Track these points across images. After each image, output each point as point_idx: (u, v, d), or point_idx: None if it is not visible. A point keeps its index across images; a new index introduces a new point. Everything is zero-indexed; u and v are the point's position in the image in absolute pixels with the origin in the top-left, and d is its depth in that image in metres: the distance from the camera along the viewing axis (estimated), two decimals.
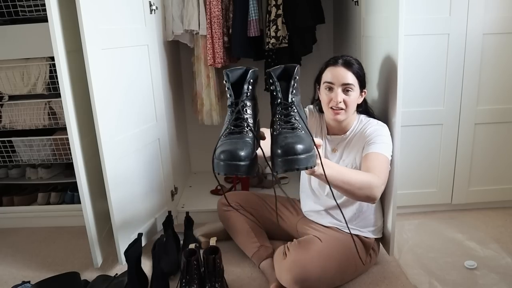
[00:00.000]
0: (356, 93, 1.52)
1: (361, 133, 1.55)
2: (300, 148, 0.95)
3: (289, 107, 1.05)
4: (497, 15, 1.90)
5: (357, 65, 1.54)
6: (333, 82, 1.50)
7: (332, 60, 1.55)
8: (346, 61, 1.52)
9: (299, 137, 0.98)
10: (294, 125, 1.02)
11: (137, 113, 1.85)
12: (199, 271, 1.52)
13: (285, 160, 0.94)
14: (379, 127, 1.54)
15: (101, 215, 1.80)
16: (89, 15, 1.51)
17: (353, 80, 1.50)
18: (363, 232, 1.60)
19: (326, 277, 1.45)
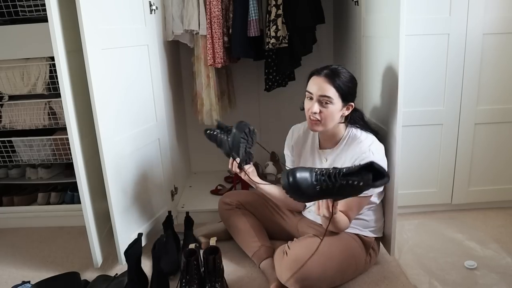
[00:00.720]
0: (336, 107, 1.47)
1: (352, 150, 1.51)
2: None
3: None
4: (497, 15, 1.90)
5: (343, 78, 1.48)
6: (312, 92, 1.49)
7: (318, 69, 1.52)
8: (330, 73, 1.47)
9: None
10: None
11: (137, 113, 1.85)
12: (199, 271, 1.52)
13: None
14: (370, 158, 1.44)
15: (101, 215, 1.80)
16: (89, 15, 1.51)
17: (332, 93, 1.46)
18: (363, 231, 1.60)
19: (326, 276, 1.45)
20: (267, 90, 2.24)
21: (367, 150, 1.47)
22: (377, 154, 1.48)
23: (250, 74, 2.52)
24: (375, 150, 1.48)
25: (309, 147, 1.67)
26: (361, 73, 1.93)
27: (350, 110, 1.52)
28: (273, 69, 2.18)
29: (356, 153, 1.49)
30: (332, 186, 1.22)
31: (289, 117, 2.58)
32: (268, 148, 2.67)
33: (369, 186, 1.23)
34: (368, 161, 1.24)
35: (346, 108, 1.51)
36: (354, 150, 1.50)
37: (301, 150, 1.71)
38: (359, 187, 1.22)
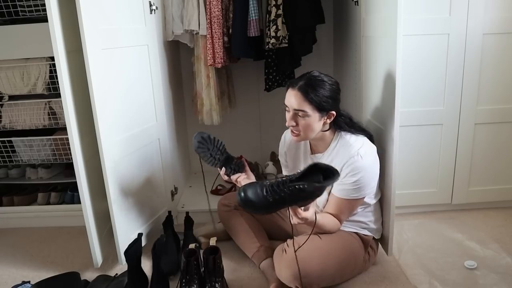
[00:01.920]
0: (313, 118, 1.44)
1: (341, 154, 1.49)
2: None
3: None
4: (497, 15, 1.90)
5: (320, 89, 1.42)
6: (287, 105, 1.48)
7: (293, 81, 1.49)
8: (305, 85, 1.43)
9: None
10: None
11: (137, 113, 1.85)
12: (199, 271, 1.52)
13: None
14: (359, 164, 1.44)
15: (101, 215, 1.80)
16: (89, 15, 1.51)
17: (307, 107, 1.42)
18: (361, 231, 1.60)
19: (325, 273, 1.45)
20: (267, 90, 2.24)
21: (355, 154, 1.45)
22: (366, 157, 1.46)
23: (250, 74, 2.52)
24: (363, 153, 1.46)
25: (301, 152, 1.67)
26: (360, 73, 1.93)
27: (332, 118, 1.48)
28: (273, 69, 2.19)
29: (345, 157, 1.47)
30: (283, 194, 1.24)
31: None
32: (268, 148, 2.68)
33: (321, 186, 1.25)
34: (312, 163, 1.28)
35: (327, 117, 1.47)
36: (343, 154, 1.48)
37: (294, 155, 1.70)
38: (311, 190, 1.23)
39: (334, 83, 1.48)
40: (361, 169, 1.44)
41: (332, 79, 1.49)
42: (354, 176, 1.44)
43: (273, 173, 2.47)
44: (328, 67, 2.53)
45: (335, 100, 1.48)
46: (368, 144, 1.50)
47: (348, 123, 1.54)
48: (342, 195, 1.48)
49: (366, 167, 1.46)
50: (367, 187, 1.48)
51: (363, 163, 1.44)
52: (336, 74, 2.49)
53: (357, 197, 1.48)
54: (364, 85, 1.89)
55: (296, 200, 1.27)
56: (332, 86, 1.46)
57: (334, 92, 1.47)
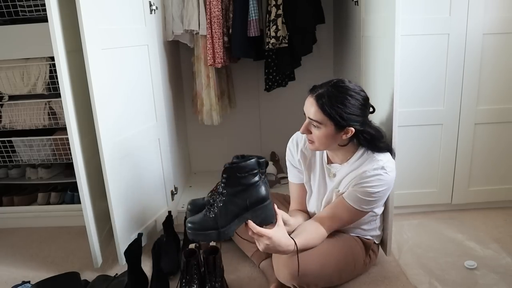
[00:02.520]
0: (327, 131, 1.36)
1: (364, 166, 1.40)
2: (190, 226, 1.27)
3: (219, 196, 1.29)
4: (497, 15, 1.90)
5: (340, 101, 1.32)
6: (304, 111, 1.42)
7: (315, 87, 1.40)
8: (324, 94, 1.33)
9: (202, 219, 1.28)
10: (209, 211, 1.29)
11: (137, 113, 1.85)
12: (199, 271, 1.52)
13: (188, 232, 1.28)
14: (382, 178, 1.37)
15: (101, 215, 1.80)
16: (89, 15, 1.51)
17: (319, 117, 1.34)
18: (364, 235, 1.60)
19: (324, 274, 1.44)
20: (267, 90, 2.24)
21: (380, 167, 1.38)
22: (391, 173, 1.39)
23: (250, 74, 2.52)
24: (389, 169, 1.39)
25: (317, 160, 1.56)
26: (360, 73, 1.93)
27: (350, 134, 1.37)
28: (273, 69, 2.19)
29: (369, 168, 1.38)
30: (221, 204, 1.24)
31: (289, 117, 2.59)
32: (268, 148, 2.68)
33: (259, 180, 1.25)
34: (225, 167, 1.25)
35: (343, 133, 1.37)
36: (366, 166, 1.40)
37: (309, 163, 1.59)
38: (239, 186, 1.23)
39: (360, 98, 1.36)
40: (385, 184, 1.39)
41: (359, 93, 1.37)
42: (375, 188, 1.38)
43: (273, 173, 2.47)
44: (328, 67, 2.53)
45: (357, 116, 1.36)
46: (392, 161, 1.44)
47: (370, 141, 1.42)
48: (352, 202, 1.42)
49: (389, 183, 1.41)
50: (379, 202, 1.44)
51: (388, 178, 1.39)
52: (336, 74, 2.49)
53: (366, 209, 1.43)
54: (364, 85, 1.88)
55: (239, 207, 1.24)
56: (356, 100, 1.35)
57: (357, 107, 1.35)
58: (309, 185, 1.60)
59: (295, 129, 1.70)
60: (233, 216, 1.27)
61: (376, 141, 1.43)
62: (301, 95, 1.56)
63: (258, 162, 1.27)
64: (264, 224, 1.31)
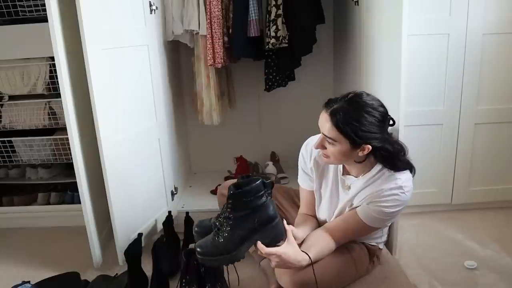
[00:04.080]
0: (342, 148, 1.29)
1: (379, 186, 1.34)
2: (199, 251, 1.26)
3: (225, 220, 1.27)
4: (497, 15, 1.90)
5: (355, 118, 1.25)
6: (319, 126, 1.34)
7: (330, 100, 1.32)
8: (339, 110, 1.26)
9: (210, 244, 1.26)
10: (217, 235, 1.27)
11: (137, 113, 1.85)
12: (199, 271, 1.52)
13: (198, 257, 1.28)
14: (400, 198, 1.31)
15: (101, 215, 1.80)
16: (89, 15, 1.51)
17: (333, 134, 1.27)
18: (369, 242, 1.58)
19: (326, 281, 1.42)
20: (267, 90, 2.24)
21: (399, 187, 1.31)
22: (408, 193, 1.32)
23: (250, 74, 2.52)
24: (407, 189, 1.32)
25: (331, 169, 1.49)
26: (361, 73, 1.93)
27: (367, 151, 1.29)
28: (273, 69, 2.18)
29: (387, 186, 1.32)
30: (231, 229, 1.22)
31: (289, 117, 2.60)
32: (268, 148, 2.68)
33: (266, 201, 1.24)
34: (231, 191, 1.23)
35: (360, 150, 1.29)
36: (384, 184, 1.33)
37: (321, 172, 1.52)
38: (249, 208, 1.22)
39: (377, 114, 1.28)
40: (402, 204, 1.33)
41: (377, 108, 1.29)
42: (391, 208, 1.32)
43: (273, 173, 2.47)
44: (328, 67, 2.53)
45: (374, 133, 1.27)
46: (410, 179, 1.36)
47: (387, 158, 1.33)
48: (365, 219, 1.36)
49: (406, 202, 1.34)
50: (393, 219, 1.42)
51: (405, 198, 1.32)
52: (336, 74, 2.49)
53: (377, 226, 1.40)
54: (365, 86, 1.88)
55: (248, 229, 1.23)
56: (373, 117, 1.27)
57: (374, 124, 1.27)
58: (319, 193, 1.54)
59: (295, 129, 1.70)
60: (242, 239, 1.24)
61: (395, 158, 1.35)
62: (301, 95, 1.56)
63: (263, 183, 1.25)
64: (274, 243, 1.29)
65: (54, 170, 2.36)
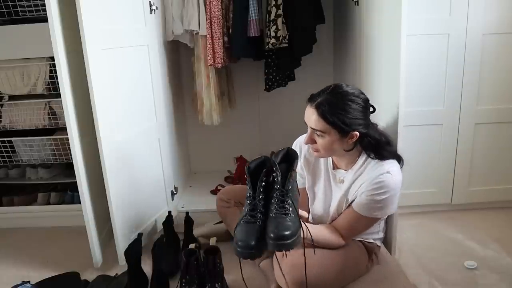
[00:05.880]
0: (331, 138, 1.33)
1: (368, 175, 1.38)
2: (288, 235, 1.13)
3: (285, 194, 1.20)
4: (497, 15, 1.90)
5: (339, 107, 1.30)
6: (305, 121, 1.39)
7: (313, 96, 1.37)
8: (323, 102, 1.31)
9: (289, 225, 1.15)
10: (287, 211, 1.18)
11: (137, 113, 1.85)
12: (199, 271, 1.52)
13: (276, 244, 1.13)
14: (388, 182, 1.34)
15: (101, 215, 1.80)
16: (89, 15, 1.51)
17: (322, 126, 1.31)
18: (366, 239, 1.59)
19: (325, 281, 1.42)
20: (267, 90, 2.24)
21: (385, 171, 1.35)
22: (396, 176, 1.36)
23: (250, 74, 2.52)
24: (394, 172, 1.36)
25: (322, 166, 1.54)
26: (361, 73, 1.93)
27: (355, 138, 1.35)
28: (273, 69, 2.18)
29: (374, 174, 1.36)
30: (292, 199, 1.20)
31: (289, 117, 2.59)
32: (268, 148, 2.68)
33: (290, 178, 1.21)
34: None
35: (348, 138, 1.35)
36: (371, 172, 1.37)
37: (313, 169, 1.57)
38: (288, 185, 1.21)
39: (361, 100, 1.35)
40: (390, 188, 1.36)
41: (359, 96, 1.35)
42: (382, 194, 1.36)
43: None
44: (328, 67, 2.53)
45: (360, 119, 1.33)
46: (396, 164, 1.40)
47: (375, 146, 1.38)
48: (361, 211, 1.40)
49: (394, 186, 1.37)
50: (390, 207, 1.42)
51: (394, 181, 1.36)
52: (336, 74, 2.49)
53: (377, 216, 1.41)
54: (365, 85, 1.88)
55: (296, 196, 1.24)
56: (357, 103, 1.33)
57: (358, 111, 1.33)
58: (313, 191, 1.58)
59: (295, 129, 1.70)
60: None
61: (381, 147, 1.40)
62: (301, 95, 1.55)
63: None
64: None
65: (54, 170, 2.35)
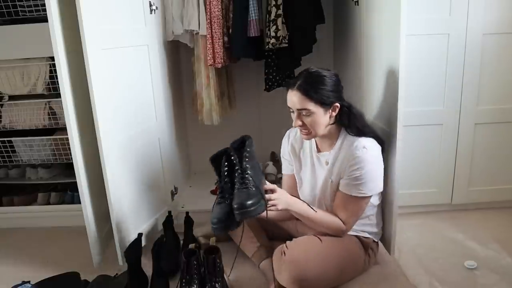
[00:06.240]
0: (318, 114, 1.45)
1: (346, 154, 1.49)
2: (249, 204, 1.31)
3: (244, 171, 1.42)
4: (497, 15, 1.90)
5: (317, 84, 1.43)
6: (290, 106, 1.49)
7: (291, 82, 1.50)
8: (302, 83, 1.44)
9: (248, 195, 1.34)
10: (247, 186, 1.38)
11: (137, 113, 1.85)
12: (199, 271, 1.52)
13: (241, 213, 1.31)
14: (364, 157, 1.44)
15: (101, 215, 1.80)
16: (89, 15, 1.51)
17: (308, 104, 1.43)
18: (361, 233, 1.60)
19: (324, 277, 1.45)
20: (267, 90, 2.24)
21: (361, 147, 1.45)
22: (371, 150, 1.46)
23: (250, 74, 2.52)
24: (369, 146, 1.46)
25: (307, 151, 1.65)
26: (361, 73, 1.93)
27: (337, 110, 1.48)
28: (273, 69, 2.18)
29: (351, 150, 1.47)
30: (252, 175, 1.41)
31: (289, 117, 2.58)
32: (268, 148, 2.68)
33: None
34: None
35: (332, 110, 1.47)
36: (349, 149, 1.48)
37: (299, 154, 1.70)
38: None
39: (333, 75, 1.48)
40: (367, 161, 1.44)
41: (331, 72, 1.49)
42: (359, 169, 1.44)
43: (273, 173, 2.47)
44: (328, 67, 2.51)
45: (337, 92, 1.47)
46: (372, 140, 1.50)
47: (352, 119, 1.51)
48: (347, 190, 1.48)
49: (371, 160, 1.46)
50: (372, 181, 1.48)
51: (368, 155, 1.45)
52: None
53: (364, 193, 1.47)
54: (365, 85, 1.89)
55: (259, 172, 1.44)
56: (331, 78, 1.46)
57: (334, 84, 1.47)
58: (299, 176, 1.69)
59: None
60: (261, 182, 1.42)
61: (357, 119, 1.52)
62: None
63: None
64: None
65: (54, 170, 2.36)
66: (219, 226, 1.35)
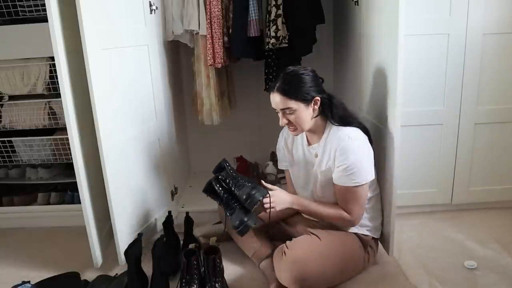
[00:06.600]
0: (300, 110, 1.52)
1: (332, 144, 1.54)
2: (252, 193, 1.50)
3: (234, 178, 1.61)
4: (497, 15, 1.90)
5: (295, 83, 1.50)
6: (274, 108, 1.56)
7: (271, 85, 1.56)
8: (281, 85, 1.51)
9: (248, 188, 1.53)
10: (243, 184, 1.56)
11: (137, 113, 1.85)
12: (199, 271, 1.52)
13: (249, 202, 1.50)
14: (349, 146, 1.49)
15: (101, 215, 1.80)
16: (89, 15, 1.51)
17: (289, 103, 1.50)
18: (360, 230, 1.60)
19: (325, 276, 1.46)
20: (267, 90, 2.24)
21: (345, 137, 1.50)
22: (356, 139, 1.50)
23: (250, 74, 2.52)
24: (353, 136, 1.51)
25: (299, 146, 1.70)
26: (361, 72, 1.93)
27: (318, 103, 1.54)
28: (273, 69, 2.18)
29: (336, 141, 1.52)
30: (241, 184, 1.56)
31: None
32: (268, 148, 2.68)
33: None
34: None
35: (313, 104, 1.53)
36: (335, 140, 1.53)
37: (292, 149, 1.74)
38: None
39: (310, 71, 1.55)
40: (352, 151, 1.48)
41: (307, 69, 1.56)
42: (346, 160, 1.48)
43: (273, 173, 2.47)
44: (328, 67, 2.53)
45: (315, 86, 1.53)
46: (357, 129, 1.55)
47: (334, 111, 1.56)
48: (342, 183, 1.52)
49: (357, 149, 1.49)
50: (362, 171, 1.49)
51: (353, 145, 1.49)
52: (336, 74, 2.49)
53: (357, 183, 1.49)
54: (364, 85, 1.88)
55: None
56: (308, 75, 1.53)
57: (312, 80, 1.53)
58: (293, 169, 1.75)
59: None
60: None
61: (338, 108, 1.57)
62: None
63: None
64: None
65: (54, 170, 2.36)
66: (244, 227, 1.50)
